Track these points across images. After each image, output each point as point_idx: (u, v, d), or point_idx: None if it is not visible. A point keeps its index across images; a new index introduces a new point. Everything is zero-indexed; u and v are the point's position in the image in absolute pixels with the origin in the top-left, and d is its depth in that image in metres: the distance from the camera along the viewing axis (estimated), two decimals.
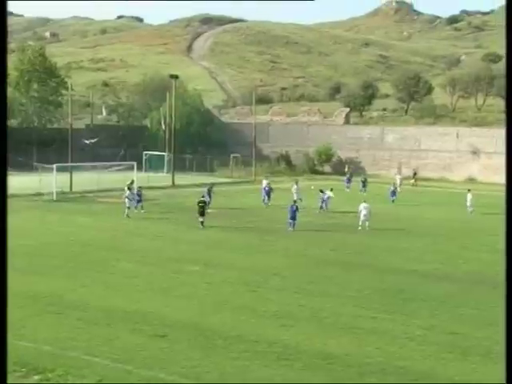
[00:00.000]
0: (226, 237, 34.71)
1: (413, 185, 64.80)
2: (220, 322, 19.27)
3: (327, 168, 79.96)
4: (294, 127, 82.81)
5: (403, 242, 34.48)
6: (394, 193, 50.89)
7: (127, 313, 19.88)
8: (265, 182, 49.97)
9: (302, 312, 20.62)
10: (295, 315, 20.25)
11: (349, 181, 60.61)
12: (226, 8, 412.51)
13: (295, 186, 48.08)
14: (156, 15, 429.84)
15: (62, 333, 17.97)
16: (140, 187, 44.86)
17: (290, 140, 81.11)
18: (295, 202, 38.88)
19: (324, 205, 44.91)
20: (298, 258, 29.65)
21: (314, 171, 78.00)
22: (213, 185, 48.19)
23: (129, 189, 41.98)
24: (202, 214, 37.07)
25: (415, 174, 69.49)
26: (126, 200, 40.68)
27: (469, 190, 46.85)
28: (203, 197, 38.38)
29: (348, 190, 57.90)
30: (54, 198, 47.88)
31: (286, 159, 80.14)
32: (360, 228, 37.63)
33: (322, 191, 45.35)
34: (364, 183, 57.21)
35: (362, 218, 37.75)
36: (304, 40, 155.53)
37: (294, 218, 36.66)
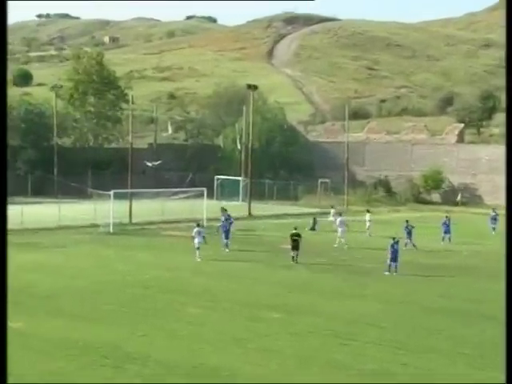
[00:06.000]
0: (313, 277, 34.55)
1: None
2: (306, 380, 19.11)
3: (435, 196, 78.88)
4: (396, 147, 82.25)
5: None
6: None
7: (194, 368, 19.94)
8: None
9: (406, 371, 20.22)
10: (395, 374, 19.88)
11: (495, 220, 53.55)
12: (314, 5, 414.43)
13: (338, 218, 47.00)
14: (232, 15, 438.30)
15: None
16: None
17: (390, 162, 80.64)
18: (394, 238, 37.96)
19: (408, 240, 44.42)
20: (397, 304, 29.21)
21: (419, 200, 77.15)
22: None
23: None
24: (296, 248, 38.07)
25: None
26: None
27: None
28: (296, 229, 38.91)
29: (493, 233, 51.96)
30: (111, 230, 48.83)
31: (384, 185, 79.57)
32: None
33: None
34: None
35: None
36: (408, 42, 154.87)
37: (395, 259, 35.94)
